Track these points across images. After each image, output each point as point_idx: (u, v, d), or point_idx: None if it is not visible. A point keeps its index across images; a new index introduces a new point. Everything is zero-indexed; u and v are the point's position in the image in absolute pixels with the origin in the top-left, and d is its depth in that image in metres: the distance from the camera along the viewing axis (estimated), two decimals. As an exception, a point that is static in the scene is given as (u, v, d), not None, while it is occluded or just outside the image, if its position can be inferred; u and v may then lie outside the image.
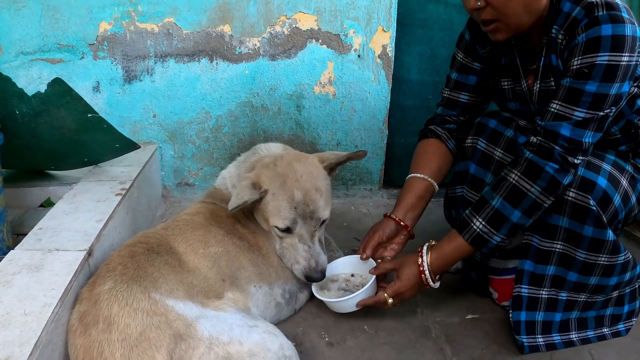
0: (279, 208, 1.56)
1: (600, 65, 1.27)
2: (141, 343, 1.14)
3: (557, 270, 1.50)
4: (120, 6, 2.34)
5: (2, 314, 1.15)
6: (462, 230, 1.48)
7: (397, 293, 1.52)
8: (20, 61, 2.36)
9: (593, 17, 1.28)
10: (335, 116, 2.61)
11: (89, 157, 2.11)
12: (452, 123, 1.77)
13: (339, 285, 1.69)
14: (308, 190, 1.57)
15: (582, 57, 1.30)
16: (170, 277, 1.35)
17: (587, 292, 1.52)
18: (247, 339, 1.23)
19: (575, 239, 1.44)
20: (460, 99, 1.74)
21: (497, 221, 1.41)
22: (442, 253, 1.50)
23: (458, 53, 1.72)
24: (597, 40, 1.27)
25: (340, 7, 2.43)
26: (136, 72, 2.44)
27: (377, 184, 2.78)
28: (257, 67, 2.48)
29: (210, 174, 2.63)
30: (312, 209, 1.57)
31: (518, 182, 1.38)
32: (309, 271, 1.59)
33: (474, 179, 1.67)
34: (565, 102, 1.33)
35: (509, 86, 1.62)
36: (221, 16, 2.39)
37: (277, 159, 1.64)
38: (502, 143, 1.59)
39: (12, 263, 1.37)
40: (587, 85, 1.29)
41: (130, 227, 1.91)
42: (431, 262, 1.50)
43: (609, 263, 1.45)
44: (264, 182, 1.57)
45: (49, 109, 1.84)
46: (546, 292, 1.54)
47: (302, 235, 1.59)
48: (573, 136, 1.33)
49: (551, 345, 1.56)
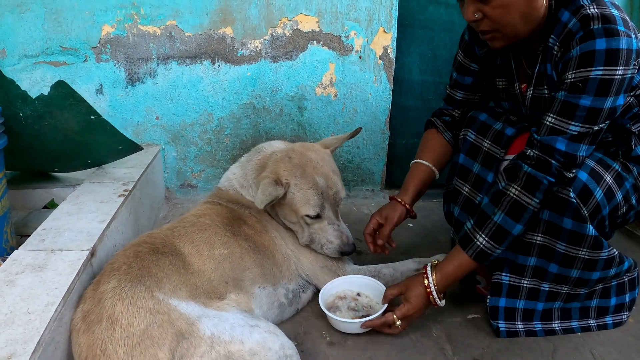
0: (307, 197, 1.62)
1: (594, 80, 1.28)
2: (144, 341, 1.15)
3: (538, 262, 1.52)
4: (123, 9, 2.36)
5: (5, 313, 1.16)
6: (465, 246, 1.49)
7: (406, 315, 1.52)
8: (24, 64, 2.38)
9: (588, 31, 1.28)
10: (336, 117, 2.62)
11: (92, 159, 2.13)
12: (448, 116, 1.84)
13: (348, 304, 1.68)
14: (327, 174, 1.65)
15: (576, 71, 1.31)
16: (174, 277, 1.36)
17: (569, 284, 1.53)
18: (248, 338, 1.24)
19: (555, 231, 1.45)
20: (456, 96, 1.80)
21: (500, 236, 1.43)
22: (447, 272, 1.51)
23: (459, 53, 1.75)
24: (591, 54, 1.27)
25: (341, 9, 2.44)
26: (139, 74, 2.46)
27: (379, 185, 2.79)
28: (258, 69, 2.50)
29: (213, 176, 2.65)
30: (334, 190, 1.66)
31: (519, 197, 1.39)
32: (343, 247, 1.68)
33: (462, 169, 1.69)
34: (560, 116, 1.35)
35: (503, 86, 1.64)
36: (223, 18, 2.41)
37: (289, 151, 1.69)
38: (490, 135, 1.61)
39: (15, 263, 1.38)
40: (582, 99, 1.30)
41: (133, 228, 1.93)
42: (437, 282, 1.50)
43: (591, 257, 1.46)
44: (283, 176, 1.62)
45: (52, 111, 1.86)
46: (527, 282, 1.56)
47: (330, 217, 1.67)
48: (568, 150, 1.35)
49: (531, 332, 1.59)
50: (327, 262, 1.73)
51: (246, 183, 1.75)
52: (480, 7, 1.36)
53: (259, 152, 1.78)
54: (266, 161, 1.71)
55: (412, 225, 2.41)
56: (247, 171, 1.76)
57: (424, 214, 2.50)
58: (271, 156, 1.72)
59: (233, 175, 1.80)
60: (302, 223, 1.67)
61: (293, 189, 1.61)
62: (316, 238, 1.68)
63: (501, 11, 1.35)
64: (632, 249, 2.15)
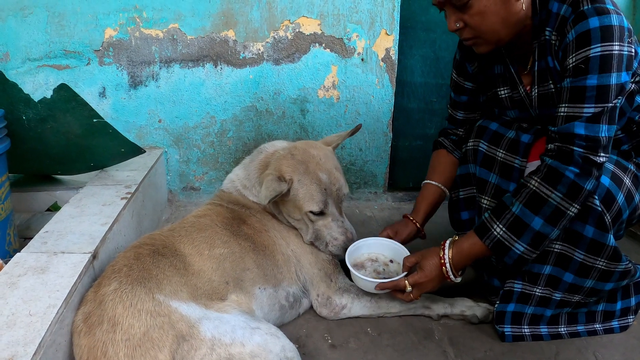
0: (310, 193, 1.63)
1: (595, 58, 1.28)
2: (144, 343, 1.16)
3: (554, 270, 1.50)
4: (125, 12, 2.37)
5: (7, 315, 1.17)
6: (482, 235, 1.47)
7: (417, 283, 1.52)
8: (27, 67, 2.39)
9: (579, 12, 1.30)
10: (339, 120, 2.62)
11: (95, 162, 2.14)
12: (454, 135, 1.87)
13: (376, 268, 1.69)
14: (330, 170, 1.67)
15: (575, 53, 1.31)
16: (175, 279, 1.36)
17: (581, 294, 1.51)
18: (249, 341, 1.24)
19: (575, 238, 1.43)
20: (457, 116, 1.84)
21: (517, 228, 1.40)
22: (461, 248, 1.50)
23: (453, 72, 1.79)
24: (586, 34, 1.29)
25: (343, 11, 2.45)
26: (141, 77, 2.47)
27: (382, 187, 2.79)
28: (261, 72, 2.50)
29: (216, 178, 2.65)
30: (337, 186, 1.68)
31: (538, 188, 1.36)
32: (348, 243, 1.68)
33: (480, 182, 1.67)
34: (571, 103, 1.34)
35: (507, 94, 1.63)
36: (225, 21, 2.42)
37: (291, 149, 1.70)
38: (503, 144, 1.59)
39: (18, 265, 1.39)
40: (588, 80, 1.30)
41: (135, 231, 1.93)
42: (452, 256, 1.50)
43: (607, 269, 1.44)
44: (287, 173, 1.63)
45: (55, 115, 1.87)
46: (540, 291, 1.54)
47: (334, 214, 1.68)
48: (589, 133, 1.31)
49: (537, 336, 1.58)
50: (325, 265, 1.72)
51: (249, 183, 1.75)
52: (460, 16, 1.42)
53: (261, 152, 1.79)
54: (269, 160, 1.72)
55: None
56: (250, 172, 1.77)
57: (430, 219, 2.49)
58: (274, 155, 1.73)
59: (236, 176, 1.81)
60: (306, 220, 1.67)
61: (297, 185, 1.62)
62: (320, 235, 1.69)
63: (479, 18, 1.39)
64: (636, 249, 2.14)
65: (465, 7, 1.39)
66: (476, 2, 1.37)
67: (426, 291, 1.57)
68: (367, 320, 1.68)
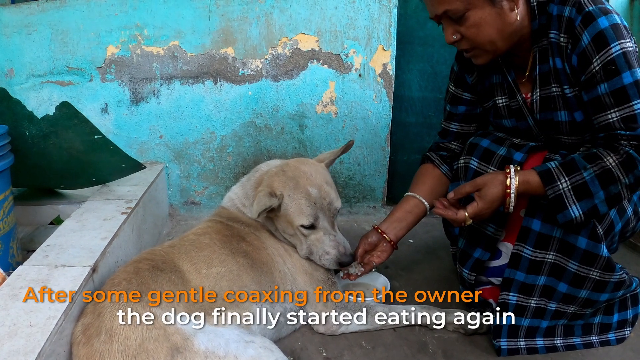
0: (300, 207, 1.64)
1: (619, 55, 1.32)
2: (139, 354, 1.18)
3: (548, 280, 1.51)
4: (127, 30, 2.42)
5: (9, 325, 1.20)
6: (547, 182, 1.40)
7: (478, 214, 1.48)
8: (31, 83, 2.44)
9: (586, 13, 1.34)
10: (337, 135, 2.65)
11: (97, 177, 2.17)
12: (444, 150, 1.87)
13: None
14: (320, 185, 1.68)
15: (599, 56, 1.34)
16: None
17: (576, 304, 1.52)
18: (242, 354, 1.26)
19: (569, 249, 1.45)
20: (451, 128, 1.85)
21: (581, 192, 1.36)
22: (527, 180, 1.42)
23: (450, 85, 1.80)
24: (601, 34, 1.32)
25: (340, 28, 2.49)
26: (143, 94, 2.51)
27: (380, 201, 2.81)
28: (259, 88, 2.54)
29: (216, 193, 2.68)
30: (328, 201, 1.69)
31: (615, 168, 1.34)
32: (340, 257, 1.69)
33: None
34: (619, 105, 1.35)
35: (504, 103, 1.64)
36: (224, 39, 2.46)
37: (283, 166, 1.74)
38: (494, 161, 1.60)
39: (20, 278, 1.42)
40: (623, 78, 1.32)
41: (136, 245, 1.96)
42: (517, 185, 1.43)
43: (601, 279, 1.45)
44: (277, 188, 1.66)
45: (57, 131, 1.91)
46: (535, 302, 1.54)
47: (326, 228, 1.69)
48: None
49: (533, 349, 1.58)
50: (321, 283, 1.73)
51: (247, 202, 1.78)
52: (457, 29, 1.45)
53: (257, 172, 1.83)
54: (263, 178, 1.75)
55: (413, 242, 2.42)
56: (247, 190, 1.80)
57: (425, 229, 2.51)
58: (267, 172, 1.75)
59: (235, 195, 1.84)
60: (299, 235, 1.70)
61: (287, 200, 1.65)
62: (314, 249, 1.70)
63: (476, 30, 1.42)
64: (635, 260, 2.14)
65: (461, 20, 1.42)
66: (472, 14, 1.40)
67: (482, 219, 1.54)
68: (361, 334, 1.69)
